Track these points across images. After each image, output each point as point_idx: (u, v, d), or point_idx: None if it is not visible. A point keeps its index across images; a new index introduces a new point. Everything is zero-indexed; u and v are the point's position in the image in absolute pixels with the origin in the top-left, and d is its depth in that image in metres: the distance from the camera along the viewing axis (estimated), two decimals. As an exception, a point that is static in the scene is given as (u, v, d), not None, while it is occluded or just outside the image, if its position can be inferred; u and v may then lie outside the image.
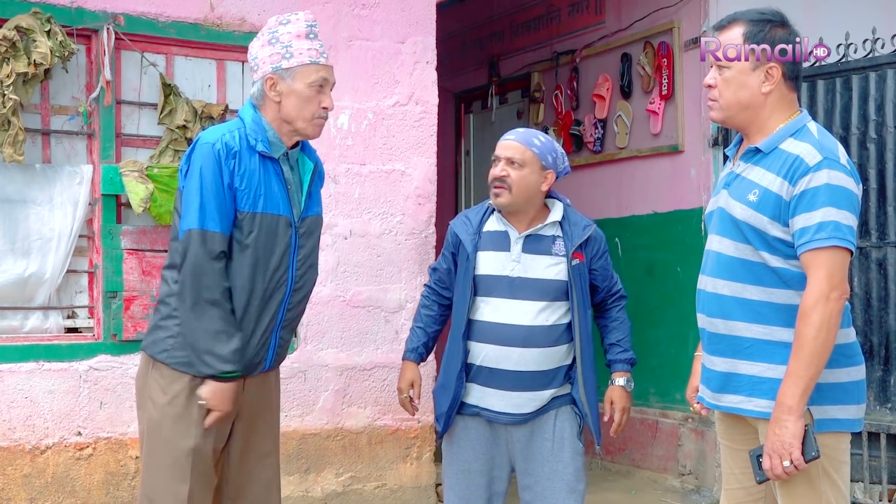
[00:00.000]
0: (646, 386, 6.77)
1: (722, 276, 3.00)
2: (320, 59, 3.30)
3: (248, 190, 3.21)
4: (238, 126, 3.27)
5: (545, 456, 3.67)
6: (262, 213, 3.22)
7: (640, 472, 6.70)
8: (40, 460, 4.57)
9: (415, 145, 5.37)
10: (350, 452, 5.21)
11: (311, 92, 3.27)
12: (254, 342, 3.28)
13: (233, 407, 3.23)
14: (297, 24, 3.30)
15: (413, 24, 5.37)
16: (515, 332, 3.60)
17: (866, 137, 5.56)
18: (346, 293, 5.20)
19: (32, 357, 4.58)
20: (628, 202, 6.94)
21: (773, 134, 2.94)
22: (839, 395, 2.88)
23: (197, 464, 3.25)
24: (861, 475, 5.45)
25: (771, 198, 2.86)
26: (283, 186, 3.30)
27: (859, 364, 2.95)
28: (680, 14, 6.45)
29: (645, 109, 6.71)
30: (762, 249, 2.89)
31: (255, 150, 3.24)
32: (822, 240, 2.77)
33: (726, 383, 3.00)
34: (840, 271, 2.78)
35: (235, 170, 3.19)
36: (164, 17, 4.85)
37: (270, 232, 3.25)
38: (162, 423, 3.27)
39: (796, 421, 2.75)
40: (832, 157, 2.84)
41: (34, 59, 4.41)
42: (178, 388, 3.25)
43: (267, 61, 3.27)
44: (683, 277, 6.45)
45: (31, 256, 4.63)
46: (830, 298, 2.75)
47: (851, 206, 2.83)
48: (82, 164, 4.75)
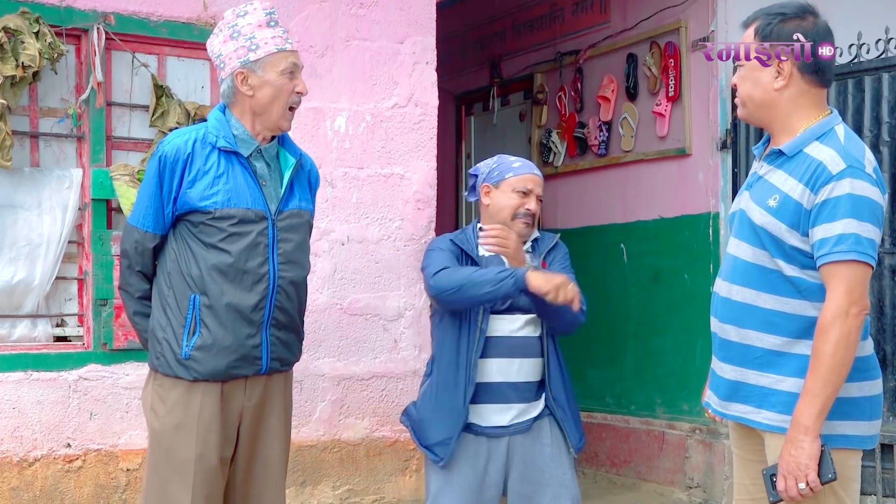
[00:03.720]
0: (652, 396, 6.77)
1: (737, 281, 2.97)
2: (286, 45, 3.38)
3: (208, 188, 3.29)
4: (199, 128, 3.39)
5: (546, 462, 3.69)
6: (227, 209, 3.30)
7: (646, 485, 6.69)
8: (28, 473, 4.57)
9: (414, 148, 5.37)
10: (347, 465, 5.21)
11: (283, 80, 3.35)
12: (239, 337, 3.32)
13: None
14: (256, 14, 3.37)
15: (412, 24, 5.38)
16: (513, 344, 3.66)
17: (879, 140, 5.57)
18: (344, 301, 5.20)
19: (20, 366, 4.58)
20: (634, 207, 6.94)
21: (798, 136, 2.90)
22: (849, 411, 2.85)
23: (200, 473, 3.28)
24: (874, 488, 5.45)
25: (791, 205, 2.83)
26: (254, 181, 3.36)
27: (874, 379, 2.91)
28: (687, 13, 6.45)
29: (651, 111, 6.71)
30: (778, 257, 2.87)
31: (215, 148, 3.33)
32: (842, 252, 2.73)
33: (735, 392, 2.99)
34: (860, 286, 2.75)
35: (186, 172, 3.30)
36: (156, 17, 4.85)
37: (239, 224, 3.31)
38: (163, 433, 3.32)
39: (812, 441, 2.72)
40: (857, 164, 2.79)
41: (22, 62, 4.41)
42: (175, 396, 3.31)
43: (233, 56, 3.34)
44: (690, 284, 6.45)
45: (19, 263, 4.63)
46: (850, 314, 2.72)
47: (874, 218, 2.78)
48: (72, 167, 4.75)
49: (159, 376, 3.36)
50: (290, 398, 3.61)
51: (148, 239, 3.36)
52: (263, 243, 3.35)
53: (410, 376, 5.28)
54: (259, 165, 3.40)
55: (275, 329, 3.41)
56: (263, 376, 3.43)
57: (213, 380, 3.32)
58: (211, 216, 3.29)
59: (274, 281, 3.37)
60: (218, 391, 3.34)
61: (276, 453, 3.50)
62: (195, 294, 3.30)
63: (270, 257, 3.36)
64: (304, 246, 3.52)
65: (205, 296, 3.30)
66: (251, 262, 3.33)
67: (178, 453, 3.29)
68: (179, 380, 3.31)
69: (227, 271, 3.30)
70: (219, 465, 3.33)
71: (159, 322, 3.35)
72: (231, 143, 3.33)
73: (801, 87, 2.92)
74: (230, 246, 3.30)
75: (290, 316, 3.47)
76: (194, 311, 3.30)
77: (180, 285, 3.32)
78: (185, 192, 3.30)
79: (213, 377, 3.31)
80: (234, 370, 3.34)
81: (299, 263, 3.48)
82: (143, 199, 3.36)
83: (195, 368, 3.30)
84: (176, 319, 3.32)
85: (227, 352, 3.31)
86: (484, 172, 3.81)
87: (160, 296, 3.37)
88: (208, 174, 3.31)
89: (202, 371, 3.29)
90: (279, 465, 3.51)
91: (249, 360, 3.36)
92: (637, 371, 6.93)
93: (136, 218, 3.38)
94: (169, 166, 3.31)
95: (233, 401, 3.37)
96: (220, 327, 3.30)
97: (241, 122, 3.37)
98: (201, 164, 3.31)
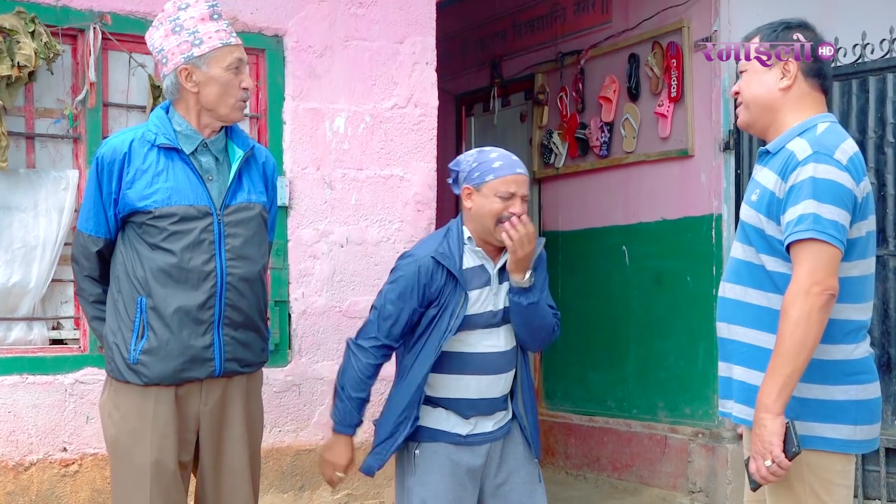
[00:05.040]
0: (654, 400, 6.77)
1: (730, 279, 3.06)
2: (231, 39, 3.35)
3: (147, 187, 3.28)
4: (138, 128, 3.38)
5: (520, 461, 3.70)
6: (166, 207, 3.28)
7: (648, 490, 6.69)
8: (24, 477, 4.57)
9: (414, 149, 5.37)
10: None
11: (229, 75, 3.32)
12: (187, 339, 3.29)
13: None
14: (199, 7, 3.33)
15: (412, 24, 5.37)
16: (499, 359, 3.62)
17: (884, 141, 5.57)
18: (343, 303, 5.20)
19: (16, 370, 4.57)
20: (636, 209, 6.94)
21: (784, 133, 2.99)
22: (831, 413, 2.88)
23: (157, 479, 3.26)
24: (878, 493, 5.45)
25: (766, 195, 2.92)
26: (197, 177, 3.34)
27: (863, 383, 2.92)
28: (690, 13, 6.46)
29: (653, 112, 6.72)
30: (762, 252, 2.94)
31: (154, 146, 3.31)
32: (800, 232, 2.79)
33: (726, 389, 3.06)
34: (824, 266, 2.78)
35: (124, 173, 3.30)
36: (152, 17, 4.82)
37: (181, 222, 3.29)
38: (118, 439, 3.32)
39: (774, 419, 2.77)
40: (823, 151, 2.85)
41: (18, 62, 4.41)
42: (128, 402, 3.32)
43: (176, 52, 3.31)
44: (693, 287, 6.45)
45: (15, 265, 4.62)
46: (811, 293, 2.76)
47: (837, 200, 2.81)
48: (68, 168, 4.75)
49: (113, 382, 3.35)
50: (258, 401, 3.58)
51: (91, 242, 3.38)
52: (208, 240, 3.31)
53: (410, 380, 5.27)
54: (205, 160, 3.38)
55: (229, 328, 3.36)
56: (222, 378, 3.39)
57: (165, 384, 3.30)
58: (151, 216, 3.28)
59: (222, 278, 3.32)
60: (172, 395, 3.32)
61: (238, 460, 3.44)
62: (142, 297, 3.28)
63: (217, 254, 3.32)
64: (256, 240, 3.45)
65: (150, 298, 3.27)
66: (195, 259, 3.29)
67: (134, 459, 3.27)
68: (131, 385, 3.30)
69: (170, 271, 3.28)
70: (177, 470, 3.31)
71: (110, 327, 3.36)
72: (171, 140, 3.31)
73: (803, 89, 3.01)
74: (173, 245, 3.28)
75: (244, 314, 3.41)
76: (141, 314, 3.28)
77: (128, 288, 3.31)
78: (124, 194, 3.29)
79: (163, 381, 3.30)
80: (184, 373, 3.31)
81: (250, 258, 3.41)
82: (86, 203, 3.40)
83: (144, 373, 3.28)
84: (124, 324, 3.31)
85: (175, 354, 3.29)
86: (465, 171, 3.65)
87: (112, 300, 3.36)
88: (146, 173, 3.29)
89: (151, 375, 3.28)
90: (243, 472, 3.45)
91: (200, 361, 3.32)
92: (639, 374, 6.93)
93: (81, 222, 3.42)
94: (106, 168, 3.30)
95: (188, 405, 3.35)
96: (165, 329, 3.28)
97: (186, 118, 3.35)
98: (139, 163, 3.29)
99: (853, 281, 2.92)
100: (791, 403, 2.81)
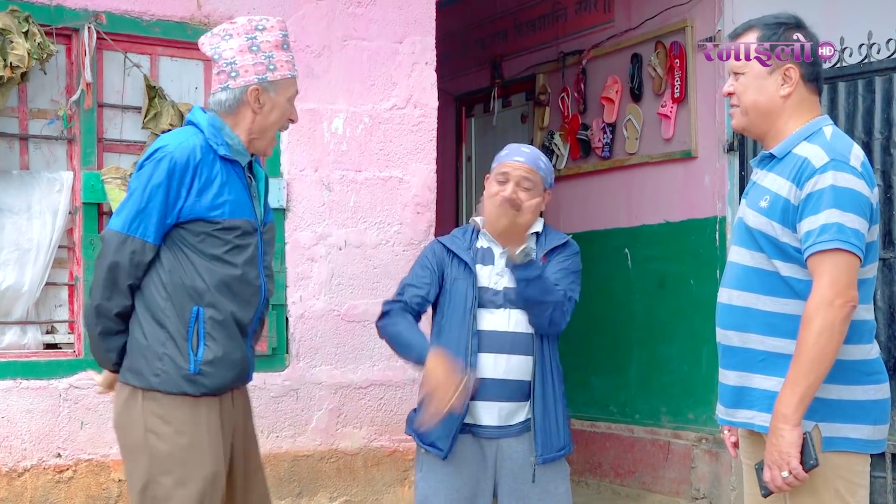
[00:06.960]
0: (657, 405, 6.77)
1: (737, 286, 3.04)
2: (295, 71, 3.42)
3: (217, 197, 3.28)
4: (195, 133, 3.32)
5: (527, 464, 3.71)
6: (233, 219, 3.30)
7: (651, 496, 6.69)
8: (18, 483, 4.56)
9: (413, 151, 5.36)
10: (345, 475, 5.19)
11: (289, 106, 3.40)
12: (243, 350, 3.39)
13: None
14: (274, 33, 3.36)
15: (411, 23, 5.37)
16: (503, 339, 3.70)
17: (890, 142, 5.56)
18: (341, 307, 5.20)
19: (9, 374, 4.57)
20: (639, 211, 6.94)
21: (788, 138, 3.00)
22: (853, 413, 2.90)
23: (214, 491, 3.29)
24: (885, 499, 5.44)
25: (780, 202, 2.92)
26: (248, 192, 3.40)
27: (880, 383, 2.97)
28: (693, 12, 6.45)
29: (656, 113, 6.72)
30: (775, 258, 2.94)
31: (217, 156, 3.30)
32: (825, 242, 2.80)
33: (740, 398, 3.03)
34: (846, 276, 2.80)
35: (195, 180, 3.25)
36: (148, 16, 4.85)
37: (244, 237, 3.34)
38: (173, 454, 3.24)
39: (792, 429, 2.79)
40: (840, 158, 2.87)
41: (10, 62, 4.40)
42: (181, 415, 3.27)
43: (251, 70, 3.31)
44: (697, 290, 6.45)
45: (8, 268, 4.62)
46: (834, 305, 2.78)
47: (859, 209, 2.85)
48: (62, 170, 4.75)
49: (154, 394, 3.26)
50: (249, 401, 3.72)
51: (148, 250, 3.24)
52: (257, 256, 3.40)
53: (409, 384, 5.26)
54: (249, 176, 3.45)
55: (252, 339, 3.50)
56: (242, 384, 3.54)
57: (214, 394, 3.31)
58: (219, 226, 3.27)
59: (263, 294, 3.45)
60: (217, 405, 3.34)
61: (258, 456, 3.59)
62: (199, 307, 3.27)
63: (259, 271, 3.41)
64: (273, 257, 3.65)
65: (212, 308, 3.27)
66: (250, 273, 3.36)
67: (195, 473, 3.23)
68: (183, 397, 3.25)
69: (231, 284, 3.31)
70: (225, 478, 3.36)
71: (157, 337, 3.26)
72: (230, 152, 3.33)
73: (802, 94, 3.03)
74: (235, 258, 3.31)
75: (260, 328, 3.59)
76: (197, 324, 3.26)
77: (180, 298, 3.26)
78: (195, 201, 3.25)
79: (220, 390, 3.32)
80: (235, 382, 3.39)
81: (273, 276, 3.61)
82: (143, 207, 3.22)
83: (203, 383, 3.27)
84: (178, 334, 3.26)
85: (234, 365, 3.34)
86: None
87: (155, 309, 3.27)
88: (214, 182, 3.28)
89: (212, 385, 3.28)
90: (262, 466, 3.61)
91: (245, 371, 3.45)
92: (642, 379, 6.92)
93: (133, 227, 3.23)
94: (178, 173, 3.22)
95: (225, 413, 3.37)
96: (228, 340, 3.31)
97: (240, 133, 3.35)
98: (208, 171, 3.28)
99: (868, 283, 2.97)
100: (814, 405, 2.83)
